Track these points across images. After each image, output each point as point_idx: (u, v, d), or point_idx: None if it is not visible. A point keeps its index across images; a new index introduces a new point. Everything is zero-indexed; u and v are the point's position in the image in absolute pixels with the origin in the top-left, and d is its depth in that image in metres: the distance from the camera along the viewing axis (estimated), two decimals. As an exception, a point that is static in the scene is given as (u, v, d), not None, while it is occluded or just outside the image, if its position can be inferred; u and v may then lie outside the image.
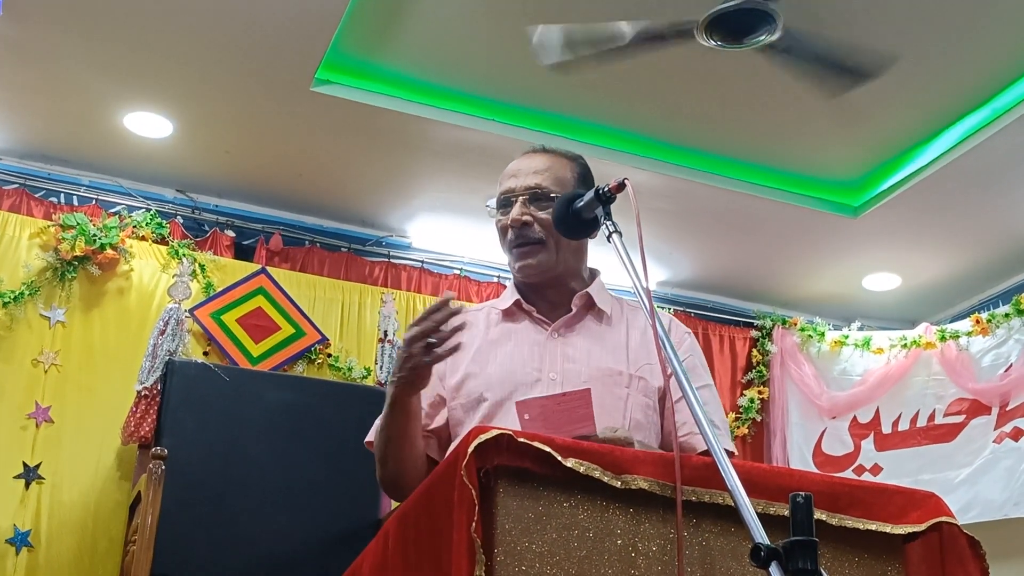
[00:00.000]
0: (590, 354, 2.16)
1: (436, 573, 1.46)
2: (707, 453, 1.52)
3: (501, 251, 2.31)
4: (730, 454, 1.95)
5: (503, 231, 2.26)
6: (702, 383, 2.24)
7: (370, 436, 2.19)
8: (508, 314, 2.27)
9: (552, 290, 2.26)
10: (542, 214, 2.18)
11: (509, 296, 2.30)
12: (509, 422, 2.01)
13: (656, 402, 2.17)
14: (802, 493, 1.30)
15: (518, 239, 2.21)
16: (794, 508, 1.30)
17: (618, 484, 1.50)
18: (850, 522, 1.61)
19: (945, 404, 5.59)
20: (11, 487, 4.40)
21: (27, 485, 4.42)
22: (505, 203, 2.25)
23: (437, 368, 2.12)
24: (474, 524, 1.38)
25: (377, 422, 2.13)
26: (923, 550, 1.66)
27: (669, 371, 2.08)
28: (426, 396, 2.14)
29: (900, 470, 5.56)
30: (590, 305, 2.26)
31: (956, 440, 5.47)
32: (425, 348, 1.90)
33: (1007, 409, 5.29)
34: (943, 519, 1.65)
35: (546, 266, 2.21)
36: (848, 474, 5.62)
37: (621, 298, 2.35)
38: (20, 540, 4.34)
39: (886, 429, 5.72)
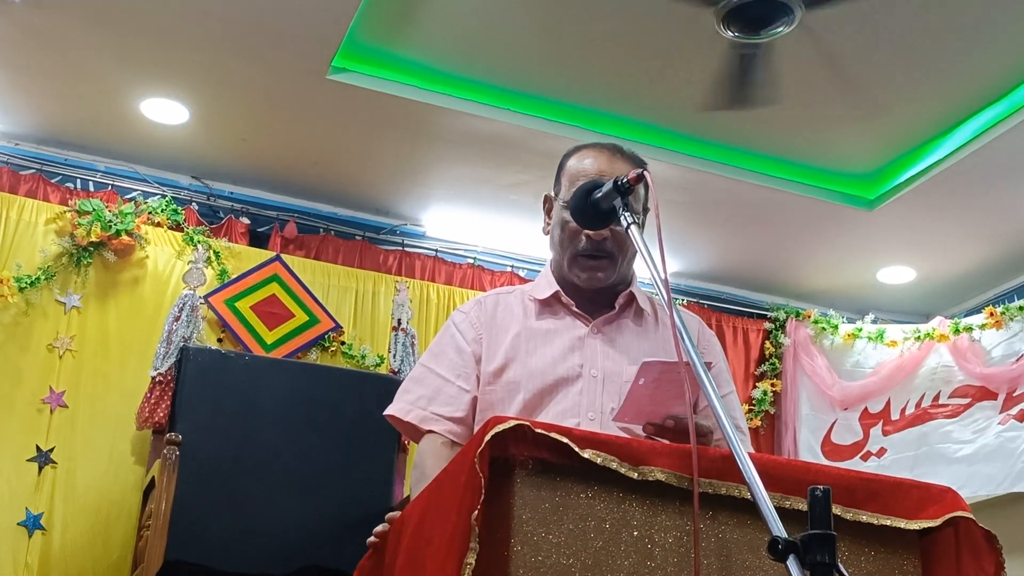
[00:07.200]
0: (630, 353, 2.13)
1: (434, 558, 1.47)
2: None
3: (516, 241, 2.27)
4: None
5: (574, 235, 2.15)
6: (728, 390, 2.23)
7: (392, 411, 2.18)
8: (545, 304, 2.23)
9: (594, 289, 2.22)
10: (619, 228, 2.01)
11: (546, 285, 2.24)
12: (549, 415, 2.03)
13: (693, 404, 2.13)
14: (820, 487, 1.30)
15: (594, 250, 2.14)
16: (812, 502, 1.30)
17: (635, 476, 1.50)
18: (866, 517, 1.61)
19: (952, 388, 5.59)
20: (24, 470, 4.43)
21: (40, 469, 4.45)
22: None
23: (475, 352, 2.14)
24: (476, 513, 1.37)
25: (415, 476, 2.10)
26: (939, 544, 1.66)
27: (711, 364, 2.06)
28: (467, 392, 2.14)
29: (903, 448, 5.57)
30: (630, 304, 2.23)
31: (959, 418, 5.47)
32: None
33: (1014, 395, 5.27)
34: (959, 514, 1.65)
35: (608, 280, 2.18)
36: (856, 461, 5.64)
37: (653, 297, 2.31)
38: (33, 523, 4.37)
39: (895, 416, 5.72)
